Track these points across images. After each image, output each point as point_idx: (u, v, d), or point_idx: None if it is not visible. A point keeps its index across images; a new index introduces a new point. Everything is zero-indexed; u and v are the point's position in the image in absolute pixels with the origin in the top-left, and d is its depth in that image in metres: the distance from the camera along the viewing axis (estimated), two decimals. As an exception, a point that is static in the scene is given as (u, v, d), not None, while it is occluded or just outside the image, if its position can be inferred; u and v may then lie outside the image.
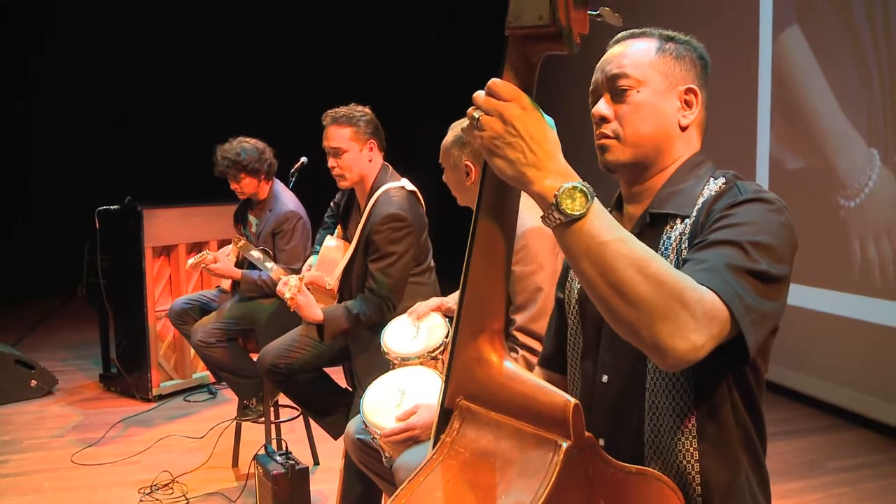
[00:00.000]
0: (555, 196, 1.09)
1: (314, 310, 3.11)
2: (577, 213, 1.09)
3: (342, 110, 3.26)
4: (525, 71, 1.13)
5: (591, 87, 1.48)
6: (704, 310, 1.11)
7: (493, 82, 1.12)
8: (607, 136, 1.43)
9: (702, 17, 5.67)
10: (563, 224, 1.10)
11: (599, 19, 1.13)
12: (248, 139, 4.03)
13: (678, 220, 1.38)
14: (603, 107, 1.43)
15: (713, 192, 1.37)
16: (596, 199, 1.10)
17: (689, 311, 1.09)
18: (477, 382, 1.19)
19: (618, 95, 1.43)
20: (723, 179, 1.40)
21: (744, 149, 5.29)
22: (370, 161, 3.25)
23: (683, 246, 1.33)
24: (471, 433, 1.16)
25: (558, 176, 1.10)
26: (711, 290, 1.15)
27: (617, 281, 1.09)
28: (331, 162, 3.26)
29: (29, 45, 8.47)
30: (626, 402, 1.40)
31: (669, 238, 1.37)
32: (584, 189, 1.09)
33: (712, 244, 1.24)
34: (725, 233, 1.25)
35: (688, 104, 1.44)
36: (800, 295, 4.81)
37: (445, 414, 1.23)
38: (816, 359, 4.74)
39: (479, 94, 1.14)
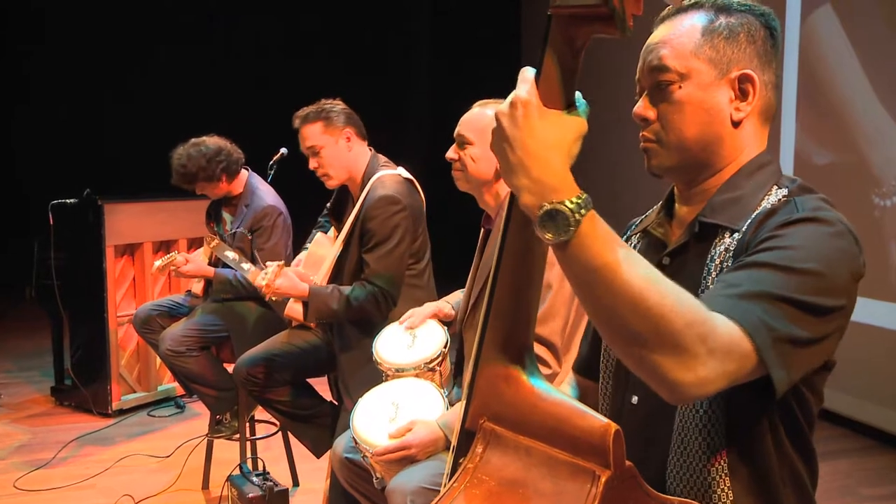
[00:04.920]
0: (537, 217, 1.07)
1: (297, 286, 3.11)
2: (556, 240, 1.07)
3: (310, 108, 3.31)
4: (569, 55, 1.09)
5: (636, 76, 1.43)
6: (716, 343, 1.08)
7: (525, 69, 1.10)
8: (649, 140, 1.40)
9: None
10: (550, 244, 1.09)
11: None
12: (203, 139, 3.96)
13: (727, 234, 1.34)
14: (642, 107, 1.39)
15: (768, 206, 1.33)
16: (588, 216, 1.06)
17: (697, 345, 1.07)
18: (503, 402, 1.17)
19: (659, 91, 1.37)
20: (784, 192, 1.35)
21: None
22: (351, 151, 3.27)
23: (726, 264, 1.31)
24: (496, 459, 1.15)
25: (544, 190, 1.07)
26: (733, 319, 1.12)
27: (609, 312, 1.08)
28: (311, 164, 3.29)
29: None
30: (653, 428, 1.39)
31: (713, 253, 1.34)
32: (568, 209, 1.05)
33: (750, 265, 1.21)
34: (769, 255, 1.21)
35: (743, 93, 1.36)
36: (829, 303, 4.81)
37: (466, 436, 1.21)
38: (848, 374, 4.71)
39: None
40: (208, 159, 3.88)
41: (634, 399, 1.43)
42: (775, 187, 1.36)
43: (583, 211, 1.05)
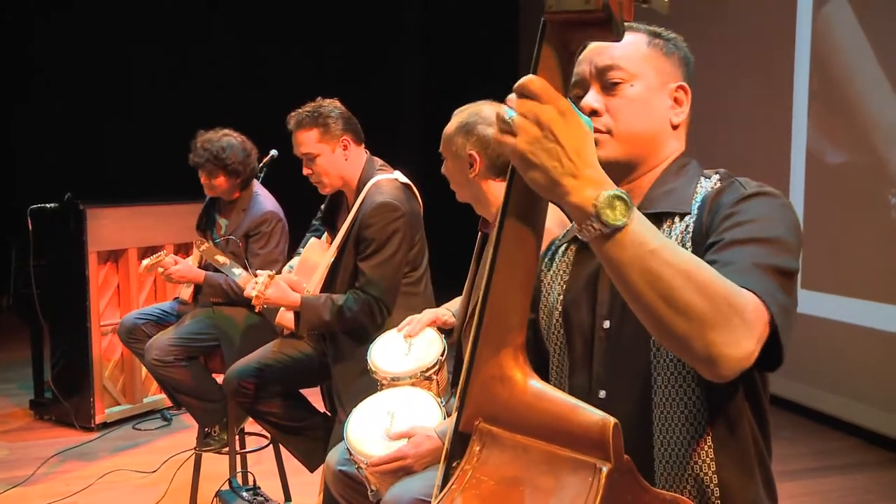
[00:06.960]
0: (594, 206, 1.15)
1: (288, 296, 3.13)
2: (620, 223, 1.16)
3: (306, 109, 3.31)
4: (563, 60, 1.18)
5: (573, 80, 1.54)
6: (750, 314, 1.22)
7: (529, 80, 1.17)
8: (598, 131, 1.52)
9: (732, -12, 5.71)
10: (603, 235, 1.17)
11: (645, 6, 1.17)
12: (234, 134, 4.00)
13: (676, 218, 1.50)
14: (593, 99, 1.53)
15: (709, 189, 1.51)
16: (634, 205, 1.17)
17: (739, 317, 1.20)
18: (499, 403, 1.22)
19: (609, 88, 1.54)
20: (717, 176, 1.55)
21: (776, 141, 5.30)
22: (347, 160, 3.30)
23: (687, 245, 1.45)
24: (494, 459, 1.19)
25: (596, 185, 1.17)
26: (752, 291, 1.25)
27: (666, 290, 1.17)
28: (305, 170, 3.32)
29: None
30: (630, 419, 1.45)
31: (669, 237, 1.47)
32: (624, 196, 1.16)
33: (733, 243, 1.36)
34: (742, 230, 1.37)
35: (678, 102, 1.58)
36: (844, 308, 4.83)
37: (460, 439, 1.26)
38: (863, 382, 4.75)
39: (513, 97, 1.19)
40: (246, 156, 3.96)
41: (602, 394, 1.53)
42: (702, 178, 1.56)
43: (629, 198, 1.16)
